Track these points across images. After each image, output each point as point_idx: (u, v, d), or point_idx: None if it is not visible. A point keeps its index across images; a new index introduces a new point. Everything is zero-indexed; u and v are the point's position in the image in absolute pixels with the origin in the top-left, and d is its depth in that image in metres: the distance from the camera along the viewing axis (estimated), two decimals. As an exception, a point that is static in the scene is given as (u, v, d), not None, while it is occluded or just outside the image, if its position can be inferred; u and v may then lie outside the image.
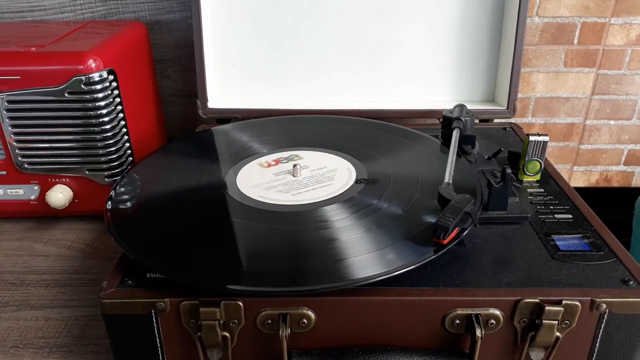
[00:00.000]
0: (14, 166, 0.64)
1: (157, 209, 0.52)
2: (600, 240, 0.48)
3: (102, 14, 0.83)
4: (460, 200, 0.45)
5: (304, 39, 0.79)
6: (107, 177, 0.65)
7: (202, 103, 0.77)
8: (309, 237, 0.46)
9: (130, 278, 0.43)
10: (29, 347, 0.51)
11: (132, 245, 0.45)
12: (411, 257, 0.43)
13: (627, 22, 0.84)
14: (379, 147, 0.63)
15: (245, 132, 0.68)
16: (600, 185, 0.97)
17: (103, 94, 0.61)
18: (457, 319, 0.42)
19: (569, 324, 0.42)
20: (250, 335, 0.43)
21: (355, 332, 0.43)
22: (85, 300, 0.56)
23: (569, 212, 0.53)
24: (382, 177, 0.56)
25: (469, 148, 0.61)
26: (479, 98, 0.81)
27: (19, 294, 0.57)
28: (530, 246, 0.48)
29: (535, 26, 0.84)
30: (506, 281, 0.43)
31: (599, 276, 0.44)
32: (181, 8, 0.83)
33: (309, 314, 0.42)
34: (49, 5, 0.82)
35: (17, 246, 0.65)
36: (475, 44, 0.79)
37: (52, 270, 0.61)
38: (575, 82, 0.88)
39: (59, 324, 0.53)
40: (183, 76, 0.88)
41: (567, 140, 0.93)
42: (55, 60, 0.60)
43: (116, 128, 0.64)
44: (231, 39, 0.79)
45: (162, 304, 0.41)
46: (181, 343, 0.43)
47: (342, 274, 0.41)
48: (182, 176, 0.57)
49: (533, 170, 0.58)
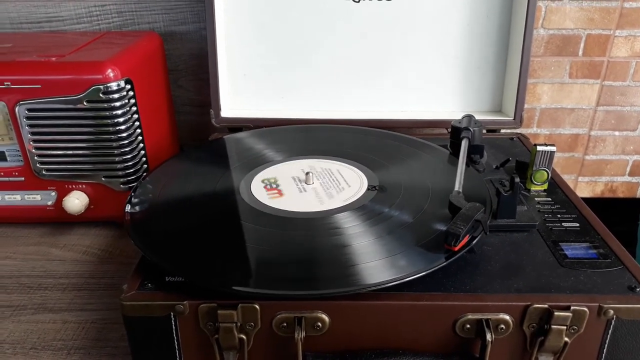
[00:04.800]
0: (32, 172, 0.66)
1: (174, 214, 0.53)
2: (607, 248, 0.49)
3: (117, 24, 0.85)
4: (471, 209, 0.46)
5: (314, 50, 0.80)
6: (122, 184, 0.67)
7: (215, 112, 0.79)
8: (323, 243, 0.48)
9: (149, 281, 0.45)
10: (48, 348, 0.52)
11: (152, 248, 0.47)
12: (423, 263, 0.44)
13: (631, 34, 0.85)
14: (389, 156, 0.64)
15: (258, 141, 0.70)
16: (605, 195, 0.98)
17: (120, 102, 0.63)
18: (468, 323, 0.43)
19: (577, 329, 0.43)
20: (266, 338, 0.44)
21: (368, 335, 0.44)
22: (101, 303, 0.57)
23: (576, 220, 0.54)
24: (393, 185, 0.57)
25: (478, 157, 0.62)
26: (486, 109, 0.83)
27: (37, 298, 0.58)
28: (538, 253, 0.49)
29: (541, 38, 0.85)
30: (516, 287, 0.44)
31: (606, 283, 0.45)
32: (195, 20, 0.84)
33: (323, 317, 0.43)
34: (66, 16, 0.84)
35: (34, 251, 0.66)
36: (482, 56, 0.80)
37: (68, 275, 0.62)
38: (580, 93, 0.89)
39: (77, 326, 0.54)
40: (195, 86, 0.89)
41: (572, 151, 0.94)
42: (75, 70, 0.61)
43: (132, 136, 0.66)
44: (243, 50, 0.80)
45: (181, 307, 0.43)
46: (199, 345, 0.44)
47: (356, 279, 0.43)
48: (198, 182, 0.59)
49: (540, 179, 0.59)
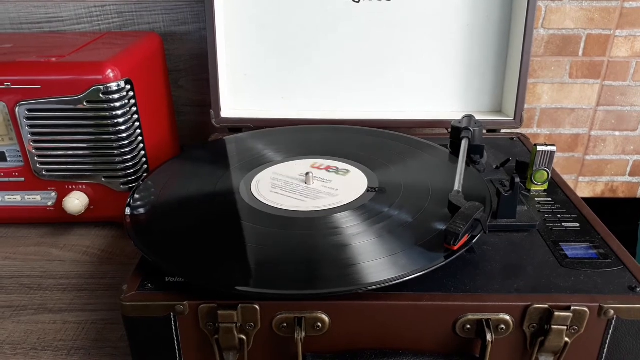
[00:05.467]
0: (32, 173, 0.66)
1: (174, 214, 0.53)
2: (608, 248, 0.49)
3: (117, 25, 0.85)
4: (470, 208, 0.46)
5: (314, 50, 0.80)
6: (122, 185, 0.67)
7: (215, 112, 0.79)
8: (322, 243, 0.48)
9: (149, 282, 0.45)
10: (48, 349, 0.52)
11: (151, 249, 0.47)
12: (422, 262, 0.44)
13: (631, 34, 0.85)
14: (389, 156, 0.64)
15: (259, 141, 0.70)
16: (605, 195, 0.98)
17: (120, 103, 0.63)
18: (468, 323, 0.43)
19: (577, 329, 0.43)
20: (266, 338, 0.44)
21: (368, 335, 0.44)
22: (102, 304, 0.57)
23: (576, 220, 0.54)
24: (393, 185, 0.57)
25: (478, 157, 0.62)
26: (486, 109, 0.83)
27: (37, 298, 0.58)
28: (538, 253, 0.49)
29: (541, 38, 0.85)
30: (516, 287, 0.44)
31: (607, 283, 0.45)
32: (195, 20, 0.85)
33: (323, 317, 0.43)
34: (66, 16, 0.84)
35: (34, 251, 0.66)
36: (482, 56, 0.80)
37: (68, 275, 0.62)
38: (580, 93, 0.89)
39: (77, 327, 0.54)
40: (196, 86, 0.89)
41: (573, 151, 0.94)
42: (75, 70, 0.61)
43: (132, 136, 0.66)
44: (243, 50, 0.80)
45: (181, 307, 0.42)
46: (199, 345, 0.44)
47: (355, 279, 0.43)
48: (198, 183, 0.59)
49: (541, 179, 0.59)
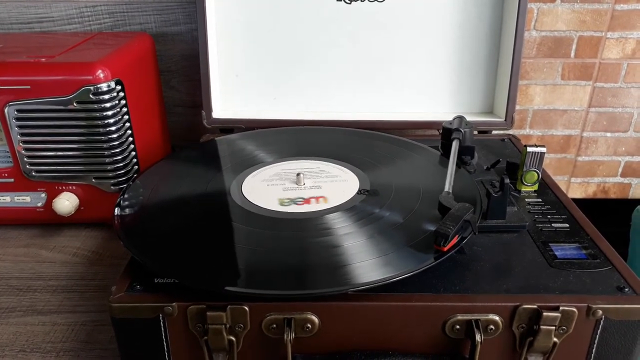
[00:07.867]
0: (22, 174, 0.65)
1: (164, 215, 0.53)
2: (597, 249, 0.50)
3: (109, 25, 0.84)
4: (460, 209, 0.46)
5: (306, 51, 0.80)
6: (113, 185, 0.66)
7: (206, 113, 0.79)
8: (312, 243, 0.48)
9: (138, 283, 0.44)
10: (37, 351, 0.51)
11: (141, 250, 0.47)
12: (412, 263, 0.44)
13: (622, 36, 0.85)
14: (380, 157, 0.64)
15: (250, 142, 0.70)
16: (597, 196, 0.99)
17: (111, 103, 0.63)
18: (457, 324, 0.43)
19: (566, 329, 0.43)
20: (255, 340, 0.44)
21: (358, 336, 0.44)
22: (91, 305, 0.57)
23: (566, 221, 0.54)
24: (383, 186, 0.57)
25: (468, 159, 0.62)
26: (478, 110, 0.83)
27: (26, 300, 0.58)
28: (528, 254, 0.49)
29: (533, 40, 0.86)
30: (505, 288, 0.44)
31: (595, 283, 0.45)
32: (186, 20, 0.84)
33: (313, 318, 0.43)
34: (57, 16, 0.83)
35: (24, 252, 0.66)
36: (474, 57, 0.80)
37: (58, 277, 0.62)
38: (572, 94, 0.90)
39: (66, 328, 0.54)
40: (187, 87, 0.89)
41: (565, 152, 0.95)
42: (65, 71, 0.61)
43: (123, 137, 0.65)
44: (235, 51, 0.80)
45: (169, 308, 0.42)
46: (188, 347, 0.44)
47: (345, 279, 0.43)
48: (189, 183, 0.58)
49: (531, 180, 0.60)
